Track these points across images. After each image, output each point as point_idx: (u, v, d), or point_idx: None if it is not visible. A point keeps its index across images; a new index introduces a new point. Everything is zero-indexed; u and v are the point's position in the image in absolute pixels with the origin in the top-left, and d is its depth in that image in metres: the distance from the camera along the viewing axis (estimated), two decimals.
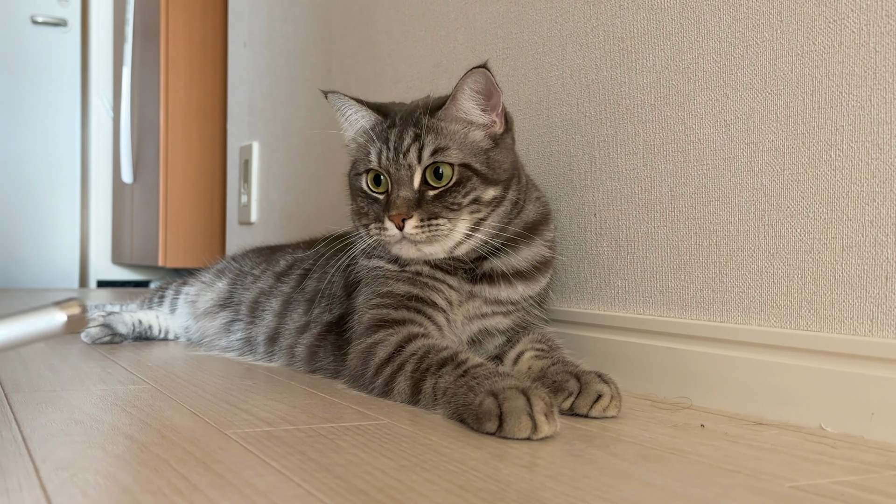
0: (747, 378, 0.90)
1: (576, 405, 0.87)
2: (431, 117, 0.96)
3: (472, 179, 0.95)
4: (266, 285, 1.32)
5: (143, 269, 3.76)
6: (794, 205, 0.88)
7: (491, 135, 0.98)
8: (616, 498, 0.58)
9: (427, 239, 0.94)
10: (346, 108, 1.03)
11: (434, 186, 0.94)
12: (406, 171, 0.95)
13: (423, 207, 0.93)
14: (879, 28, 0.80)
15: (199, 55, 2.98)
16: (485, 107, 0.97)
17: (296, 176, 2.18)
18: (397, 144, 0.95)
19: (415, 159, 0.94)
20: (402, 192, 0.94)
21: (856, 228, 0.82)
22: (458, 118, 0.97)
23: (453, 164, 0.94)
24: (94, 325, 1.47)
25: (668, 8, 1.02)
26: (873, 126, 0.80)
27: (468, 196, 0.95)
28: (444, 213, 0.94)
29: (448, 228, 0.94)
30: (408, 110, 0.99)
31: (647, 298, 1.05)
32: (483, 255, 0.99)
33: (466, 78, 0.94)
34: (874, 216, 0.80)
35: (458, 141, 0.96)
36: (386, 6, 1.71)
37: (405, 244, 0.95)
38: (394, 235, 0.94)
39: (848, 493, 0.60)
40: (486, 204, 0.96)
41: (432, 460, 0.67)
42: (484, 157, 0.96)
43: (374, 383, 0.94)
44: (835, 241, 0.84)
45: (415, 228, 0.93)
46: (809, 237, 0.86)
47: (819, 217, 0.85)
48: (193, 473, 0.62)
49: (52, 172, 3.76)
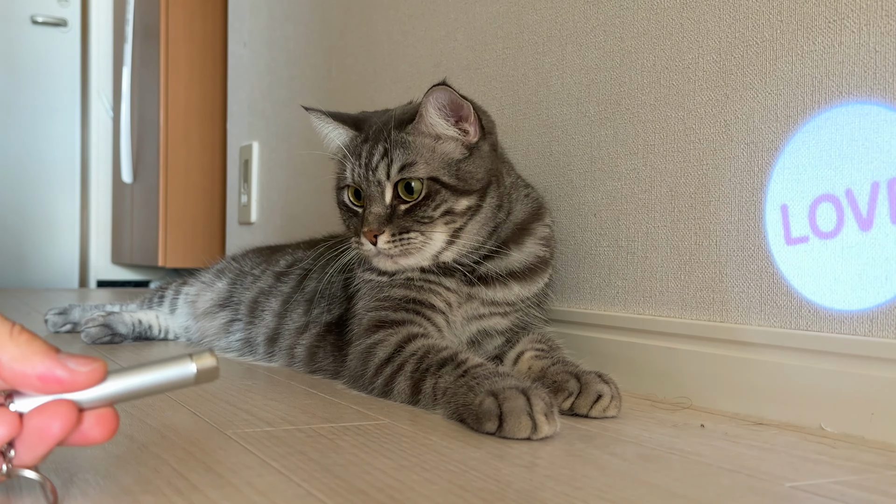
0: (747, 378, 0.90)
1: (576, 405, 0.87)
2: (401, 131, 0.97)
3: (440, 192, 0.95)
4: (266, 285, 1.32)
5: (143, 269, 3.76)
6: None
7: (465, 144, 0.98)
8: (616, 498, 0.58)
9: (401, 252, 0.95)
10: (324, 126, 1.06)
11: (406, 200, 0.95)
12: (376, 187, 0.96)
13: (394, 222, 0.95)
14: (879, 28, 0.80)
15: (199, 55, 2.98)
16: (454, 119, 0.97)
17: (296, 176, 2.18)
18: (367, 160, 0.97)
19: (384, 175, 0.95)
20: (374, 208, 0.95)
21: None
22: (426, 132, 0.97)
23: (422, 178, 0.95)
24: (94, 325, 1.46)
25: (668, 8, 1.02)
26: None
27: (439, 209, 0.95)
28: (415, 227, 0.95)
29: (422, 241, 0.95)
30: (380, 124, 1.00)
31: (647, 298, 1.05)
32: (478, 259, 0.99)
33: (428, 96, 0.95)
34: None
35: (426, 155, 0.96)
36: (386, 6, 1.71)
37: (382, 258, 0.96)
38: (370, 250, 0.95)
39: (848, 493, 0.60)
40: (461, 214, 0.97)
41: (432, 460, 0.67)
42: (454, 169, 0.96)
43: (373, 383, 0.94)
44: (834, 241, 0.84)
45: (387, 243, 0.94)
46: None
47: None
48: (193, 473, 0.62)
49: (52, 172, 3.76)
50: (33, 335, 0.51)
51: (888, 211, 0.78)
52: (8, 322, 0.51)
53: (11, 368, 0.50)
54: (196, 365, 0.54)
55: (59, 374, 0.51)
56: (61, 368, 0.51)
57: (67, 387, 0.51)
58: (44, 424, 0.50)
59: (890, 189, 0.78)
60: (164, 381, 0.54)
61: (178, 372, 0.54)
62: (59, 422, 0.50)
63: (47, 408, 0.51)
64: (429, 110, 0.96)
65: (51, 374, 0.50)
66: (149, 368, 0.54)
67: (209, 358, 0.54)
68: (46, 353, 0.51)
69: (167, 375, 0.54)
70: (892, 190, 0.78)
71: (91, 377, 0.52)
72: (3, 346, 0.50)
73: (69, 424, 0.51)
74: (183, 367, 0.54)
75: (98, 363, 0.52)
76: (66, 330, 1.64)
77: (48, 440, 0.51)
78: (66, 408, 0.51)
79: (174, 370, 0.54)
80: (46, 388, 0.51)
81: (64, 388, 0.51)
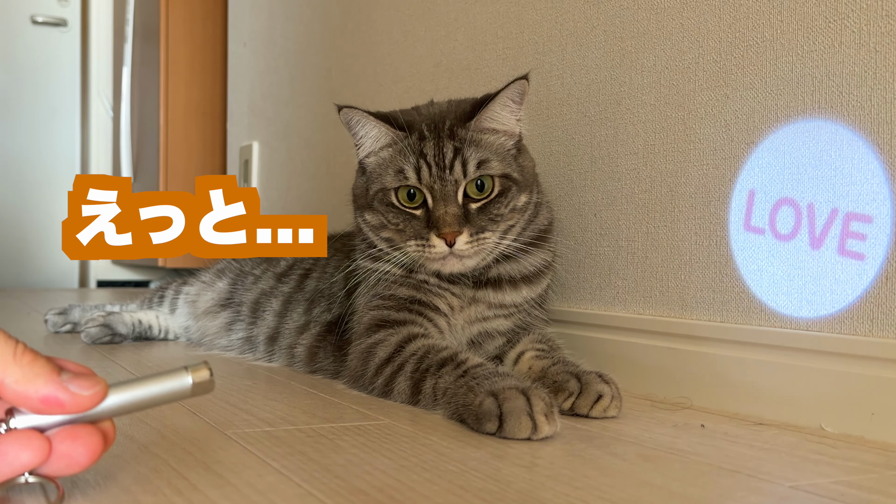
0: (747, 378, 0.90)
1: (576, 405, 0.87)
2: (466, 128, 0.95)
3: (511, 189, 0.95)
4: (267, 286, 1.32)
5: (143, 269, 3.76)
6: None
7: (514, 140, 0.98)
8: (616, 498, 0.58)
9: (475, 252, 0.93)
10: (363, 123, 0.99)
11: (475, 199, 0.93)
12: (452, 186, 0.93)
13: (471, 222, 0.93)
14: (879, 28, 0.80)
15: (199, 55, 2.98)
16: (517, 115, 0.97)
17: (296, 176, 2.18)
18: (438, 160, 0.93)
19: (460, 174, 0.93)
20: (450, 208, 0.92)
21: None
22: (489, 128, 0.96)
23: (495, 175, 0.94)
24: (94, 325, 1.47)
25: (668, 8, 1.02)
26: (873, 126, 0.80)
27: (509, 206, 0.95)
28: (489, 226, 0.94)
29: (494, 241, 0.94)
30: (432, 120, 0.97)
31: (647, 298, 1.05)
32: (499, 259, 0.99)
33: (507, 89, 0.94)
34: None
35: (496, 151, 0.95)
36: (386, 6, 1.71)
37: (451, 259, 0.93)
38: (441, 252, 0.92)
39: (848, 493, 0.60)
40: (520, 210, 0.96)
41: (432, 460, 0.67)
42: (517, 165, 0.96)
43: (374, 383, 0.94)
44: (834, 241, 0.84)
45: (466, 244, 0.92)
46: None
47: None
48: (193, 473, 0.62)
49: (52, 172, 3.76)
50: (36, 355, 0.52)
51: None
52: (11, 341, 0.51)
53: (14, 390, 0.50)
54: (192, 378, 0.54)
55: (62, 398, 0.51)
56: (64, 392, 0.51)
57: (69, 410, 0.52)
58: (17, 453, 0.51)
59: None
60: (161, 394, 0.55)
61: (174, 385, 0.55)
62: (29, 453, 0.51)
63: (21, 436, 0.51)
64: (505, 102, 0.95)
65: (53, 398, 0.51)
66: (145, 382, 0.54)
67: (205, 370, 0.55)
68: (49, 375, 0.51)
69: (164, 388, 0.54)
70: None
71: (93, 401, 0.52)
72: (7, 368, 0.50)
73: (41, 458, 0.51)
74: (179, 379, 0.54)
75: (100, 385, 0.53)
76: (66, 330, 1.64)
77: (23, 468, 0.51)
78: (40, 441, 0.51)
79: (171, 383, 0.54)
80: (48, 410, 0.51)
81: (66, 412, 0.52)
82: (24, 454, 0.50)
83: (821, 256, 0.84)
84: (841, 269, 0.82)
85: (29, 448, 0.50)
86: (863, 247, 0.80)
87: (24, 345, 0.51)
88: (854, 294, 0.81)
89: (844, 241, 0.82)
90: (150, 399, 0.54)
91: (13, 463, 0.50)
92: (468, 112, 0.96)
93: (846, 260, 0.82)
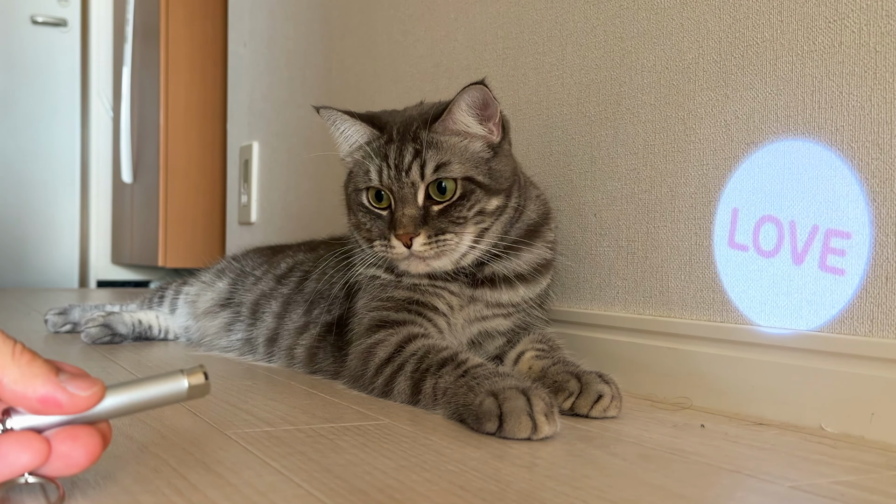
0: (747, 378, 0.90)
1: (576, 405, 0.87)
2: (429, 131, 0.95)
3: (475, 192, 0.95)
4: (267, 287, 1.32)
5: (143, 270, 3.76)
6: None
7: (489, 144, 0.98)
8: (616, 498, 0.58)
9: (436, 254, 0.94)
10: (340, 123, 1.01)
11: (438, 201, 0.94)
12: (409, 188, 0.94)
13: (429, 224, 0.93)
14: (879, 28, 0.80)
15: (199, 55, 2.98)
16: (482, 118, 0.96)
17: (296, 176, 2.18)
18: (398, 162, 0.94)
19: (417, 176, 0.94)
20: (408, 210, 0.93)
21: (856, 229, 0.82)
22: (455, 130, 0.96)
23: (456, 178, 0.94)
24: (94, 326, 1.46)
25: (668, 8, 1.02)
26: (873, 126, 0.80)
27: (473, 209, 0.94)
28: (450, 228, 0.94)
29: (455, 242, 0.94)
30: (403, 123, 0.98)
31: (647, 298, 1.05)
32: (485, 260, 0.99)
33: (463, 94, 0.93)
34: (874, 216, 0.80)
35: (459, 154, 0.95)
36: (386, 6, 1.71)
37: (413, 260, 0.94)
38: (401, 253, 0.93)
39: (848, 493, 0.60)
40: (490, 214, 0.96)
41: (432, 460, 0.67)
42: (485, 168, 0.96)
43: (374, 383, 0.94)
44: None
45: (423, 246, 0.93)
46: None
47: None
48: (193, 473, 0.62)
49: (52, 172, 3.76)
50: (34, 355, 0.52)
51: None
52: (10, 341, 0.51)
53: (13, 390, 0.51)
54: (188, 381, 0.55)
55: (60, 399, 0.51)
56: (62, 392, 0.51)
57: (67, 410, 0.52)
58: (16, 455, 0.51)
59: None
60: (157, 396, 0.55)
61: (170, 388, 0.55)
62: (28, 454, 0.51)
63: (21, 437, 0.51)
64: (461, 107, 0.94)
65: (51, 398, 0.51)
66: (142, 385, 0.55)
67: (201, 374, 0.55)
68: (47, 375, 0.51)
69: (160, 391, 0.55)
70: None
71: (90, 401, 0.52)
72: (5, 368, 0.50)
73: (40, 459, 0.51)
74: (176, 383, 0.55)
75: (97, 387, 0.53)
76: (65, 330, 1.64)
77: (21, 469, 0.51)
78: (40, 443, 0.51)
79: (167, 386, 0.55)
80: (46, 410, 0.51)
81: (63, 412, 0.52)
82: (24, 455, 0.50)
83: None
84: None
85: (29, 449, 0.50)
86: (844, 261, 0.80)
87: (22, 345, 0.52)
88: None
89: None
90: (146, 401, 0.55)
91: (13, 464, 0.50)
92: (436, 114, 0.96)
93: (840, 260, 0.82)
